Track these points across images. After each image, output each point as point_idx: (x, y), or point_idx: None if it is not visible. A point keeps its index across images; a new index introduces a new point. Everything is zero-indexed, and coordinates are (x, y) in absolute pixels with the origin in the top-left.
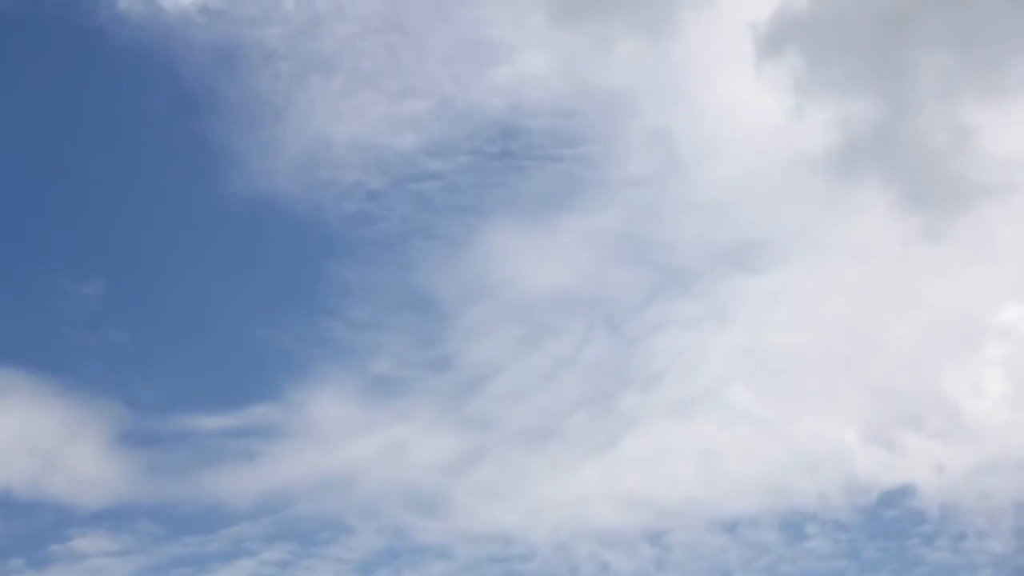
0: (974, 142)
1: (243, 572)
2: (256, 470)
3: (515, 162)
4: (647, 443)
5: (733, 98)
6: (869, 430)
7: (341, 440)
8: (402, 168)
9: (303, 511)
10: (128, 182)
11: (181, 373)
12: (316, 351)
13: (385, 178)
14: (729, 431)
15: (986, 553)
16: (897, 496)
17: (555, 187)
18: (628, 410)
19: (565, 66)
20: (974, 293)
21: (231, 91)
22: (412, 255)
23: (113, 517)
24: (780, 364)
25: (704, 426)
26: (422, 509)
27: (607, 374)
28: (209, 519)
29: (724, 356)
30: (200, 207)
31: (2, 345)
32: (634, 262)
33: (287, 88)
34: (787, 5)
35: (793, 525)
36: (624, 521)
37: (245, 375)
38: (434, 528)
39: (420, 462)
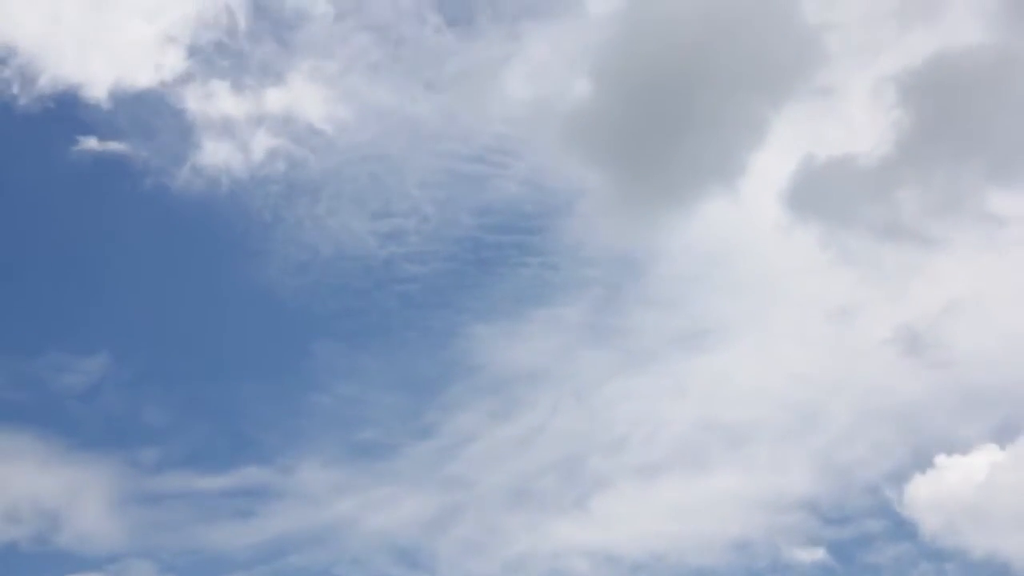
0: None
1: None
2: (250, 526)
3: (489, 268)
4: (615, 502)
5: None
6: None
7: (329, 499)
8: (385, 272)
9: (296, 562)
10: (132, 279)
11: (179, 439)
12: (304, 421)
13: (369, 280)
14: (690, 491)
15: None
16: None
17: (525, 288)
18: (596, 472)
19: (534, 195)
20: None
21: (224, 207)
22: (395, 342)
23: (114, 564)
24: (731, 433)
25: (667, 487)
26: (407, 562)
27: (575, 440)
28: (206, 568)
29: (681, 425)
30: (197, 298)
31: (12, 412)
32: (597, 346)
33: (276, 207)
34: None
35: None
36: (596, 574)
37: (238, 442)
38: None
39: (404, 519)
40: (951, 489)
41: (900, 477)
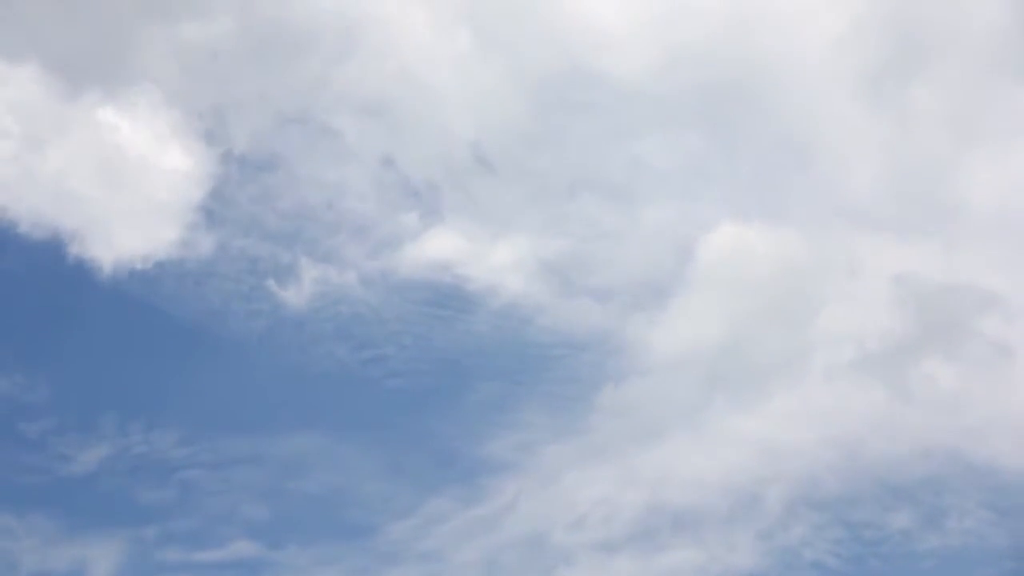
0: None
1: None
2: None
3: (462, 383)
4: (579, 573)
5: None
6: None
7: (314, 571)
8: (366, 386)
9: None
10: (128, 388)
11: (177, 518)
12: (293, 504)
13: (352, 392)
14: (646, 566)
15: None
16: None
17: (492, 398)
18: (560, 547)
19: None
20: None
21: (208, 339)
22: (374, 440)
23: None
24: (679, 515)
25: (625, 562)
26: None
27: (539, 519)
28: None
29: (634, 509)
30: (187, 404)
31: (23, 496)
32: (558, 442)
33: (260, 333)
34: None
35: None
36: None
37: (231, 521)
38: None
39: None
40: None
41: None
